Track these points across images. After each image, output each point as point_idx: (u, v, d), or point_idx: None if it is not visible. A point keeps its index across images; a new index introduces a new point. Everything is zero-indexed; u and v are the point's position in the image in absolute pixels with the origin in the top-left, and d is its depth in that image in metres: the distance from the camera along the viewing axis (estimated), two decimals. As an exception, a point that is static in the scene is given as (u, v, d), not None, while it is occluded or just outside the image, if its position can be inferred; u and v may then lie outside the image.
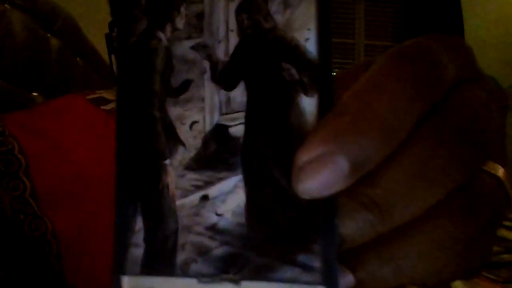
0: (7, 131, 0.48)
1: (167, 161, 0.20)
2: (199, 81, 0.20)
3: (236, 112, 0.20)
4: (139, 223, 0.20)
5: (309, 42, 0.19)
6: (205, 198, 0.20)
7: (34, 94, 0.66)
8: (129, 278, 0.20)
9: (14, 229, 0.44)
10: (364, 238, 0.20)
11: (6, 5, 0.64)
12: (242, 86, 0.20)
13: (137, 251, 0.20)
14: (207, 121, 0.21)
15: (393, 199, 0.19)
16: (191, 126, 0.20)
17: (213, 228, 0.20)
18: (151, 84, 0.20)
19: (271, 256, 0.19)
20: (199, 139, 0.20)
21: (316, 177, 0.18)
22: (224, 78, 0.20)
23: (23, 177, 0.45)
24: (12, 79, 0.63)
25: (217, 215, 0.20)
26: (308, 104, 0.19)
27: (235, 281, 0.19)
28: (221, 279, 0.19)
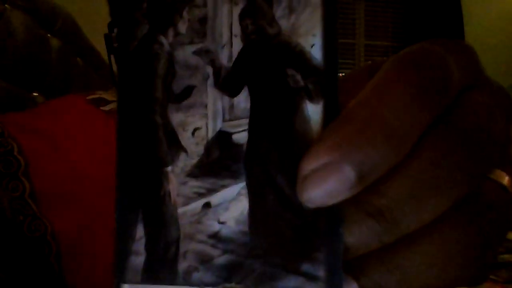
0: (6, 132, 0.48)
1: (169, 168, 0.20)
2: (202, 87, 0.20)
3: (239, 119, 0.20)
4: (140, 231, 0.20)
5: (314, 48, 0.19)
6: (207, 205, 0.20)
7: (34, 94, 0.66)
8: (130, 286, 0.19)
9: (14, 230, 0.44)
10: (369, 247, 0.19)
11: (6, 5, 0.64)
12: (246, 92, 0.20)
13: (138, 259, 0.20)
14: (210, 127, 0.20)
15: (399, 208, 0.19)
16: (193, 133, 0.20)
17: (215, 236, 0.19)
18: (152, 89, 0.20)
19: (274, 265, 0.19)
20: (201, 145, 0.20)
21: (322, 186, 0.18)
22: (228, 84, 0.20)
23: (22, 178, 0.45)
24: (12, 79, 0.63)
25: (220, 223, 0.19)
26: (313, 111, 0.19)
27: None
28: None
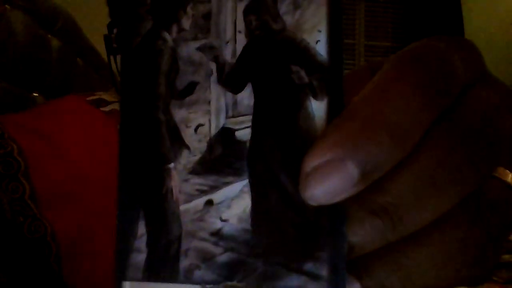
0: (6, 133, 0.48)
1: (171, 165, 0.20)
2: (205, 83, 0.20)
3: (242, 115, 0.20)
4: (141, 228, 0.20)
5: (319, 44, 0.19)
6: (209, 203, 0.20)
7: (34, 94, 0.66)
8: (131, 284, 0.19)
9: (14, 231, 0.44)
10: (373, 246, 0.19)
11: (6, 5, 0.64)
12: (250, 89, 0.20)
13: (139, 256, 0.20)
14: (213, 124, 0.20)
15: (403, 206, 0.19)
16: (196, 129, 0.20)
17: (217, 234, 0.19)
18: (155, 86, 0.20)
19: (277, 264, 0.19)
20: (204, 142, 0.20)
21: (325, 183, 0.17)
22: (231, 80, 0.20)
23: (22, 179, 0.45)
24: (12, 79, 0.63)
25: (222, 220, 0.19)
26: (317, 108, 0.19)
27: None
28: (225, 287, 0.19)
